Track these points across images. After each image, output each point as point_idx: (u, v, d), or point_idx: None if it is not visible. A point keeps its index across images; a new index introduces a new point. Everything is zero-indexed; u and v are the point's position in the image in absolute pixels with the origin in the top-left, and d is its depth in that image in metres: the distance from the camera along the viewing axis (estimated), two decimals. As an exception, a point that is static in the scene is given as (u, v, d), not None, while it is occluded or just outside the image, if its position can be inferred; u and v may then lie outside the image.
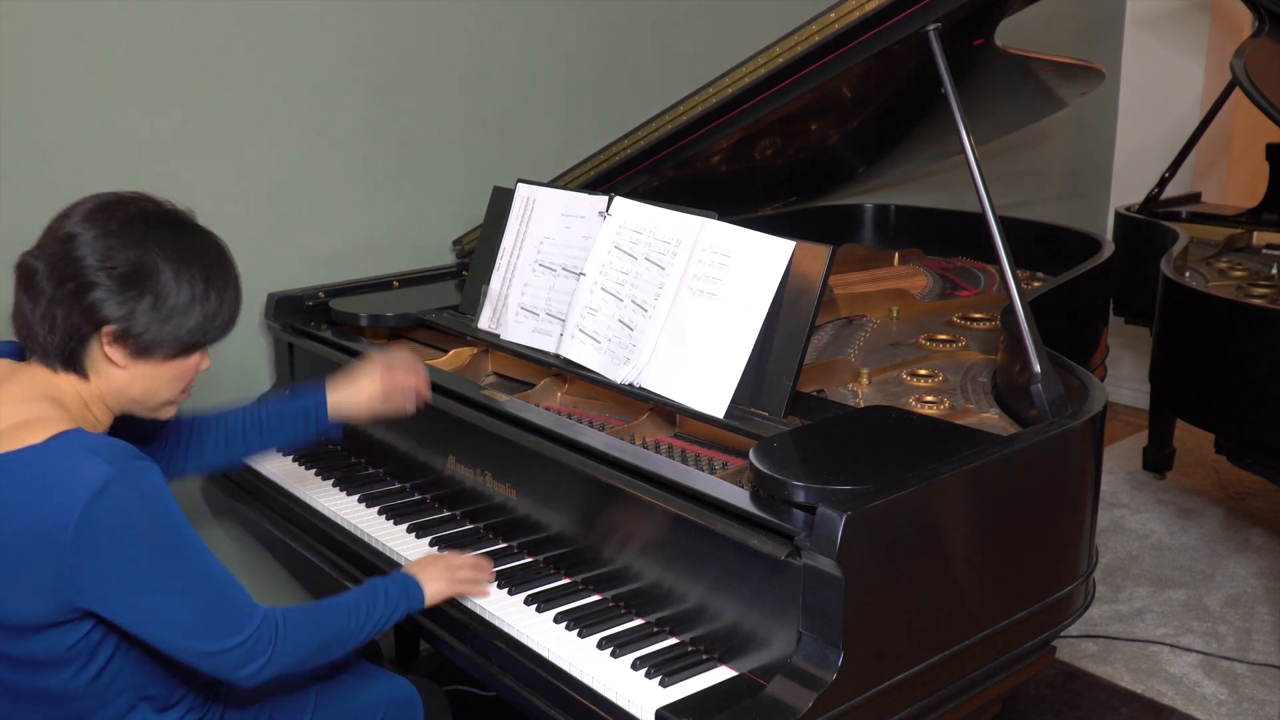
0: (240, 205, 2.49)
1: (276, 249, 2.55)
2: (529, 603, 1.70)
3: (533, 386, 2.14)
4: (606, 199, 2.10)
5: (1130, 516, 3.74)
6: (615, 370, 1.94)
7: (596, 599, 1.71)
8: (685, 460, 1.81)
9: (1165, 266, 2.90)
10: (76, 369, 1.43)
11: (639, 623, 1.64)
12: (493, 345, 2.24)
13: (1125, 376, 4.75)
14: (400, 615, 1.62)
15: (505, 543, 1.90)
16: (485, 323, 2.27)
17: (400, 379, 1.90)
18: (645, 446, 1.85)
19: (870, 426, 1.71)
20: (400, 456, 2.14)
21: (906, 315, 2.62)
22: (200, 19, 2.36)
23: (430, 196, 2.80)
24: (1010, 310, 1.85)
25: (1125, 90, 4.67)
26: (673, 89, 2.49)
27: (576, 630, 1.62)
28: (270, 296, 2.47)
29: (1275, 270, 3.22)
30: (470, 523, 1.97)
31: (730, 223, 1.88)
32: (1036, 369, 1.77)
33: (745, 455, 1.57)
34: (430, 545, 1.91)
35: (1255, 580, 3.29)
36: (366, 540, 1.97)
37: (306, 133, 2.57)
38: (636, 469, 1.65)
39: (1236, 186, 4.67)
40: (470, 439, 1.95)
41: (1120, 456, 4.22)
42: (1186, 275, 3.06)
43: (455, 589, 1.69)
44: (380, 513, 2.04)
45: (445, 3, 2.72)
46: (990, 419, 1.93)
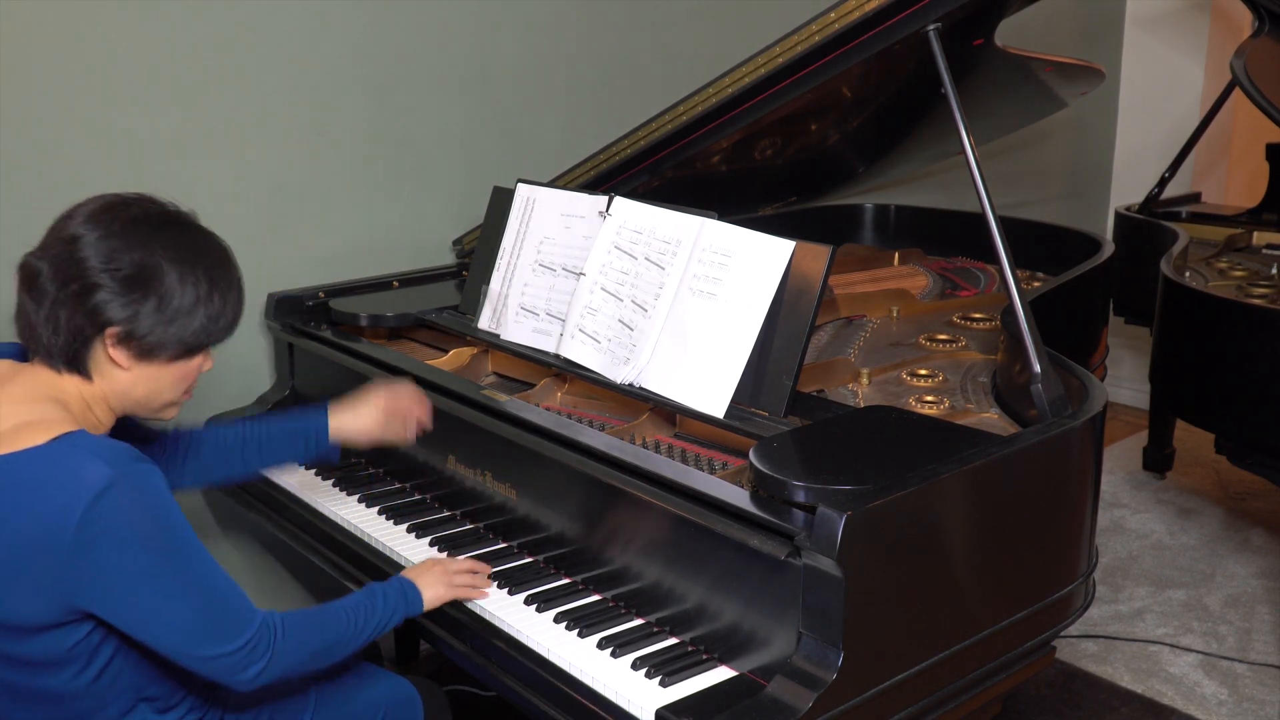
0: (240, 205, 2.49)
1: (276, 249, 2.55)
2: (529, 603, 1.71)
3: (533, 386, 2.14)
4: (606, 199, 2.10)
5: (1130, 516, 3.74)
6: (615, 370, 1.94)
7: (596, 599, 1.71)
8: (685, 460, 1.81)
9: (1165, 266, 2.90)
10: (80, 370, 1.43)
11: (639, 623, 1.64)
12: (493, 345, 2.24)
13: (1125, 376, 4.75)
14: (398, 620, 1.63)
15: (505, 542, 1.90)
16: (485, 323, 2.27)
17: (403, 407, 1.92)
18: (645, 446, 1.85)
19: (870, 426, 1.71)
20: (400, 456, 2.14)
21: (906, 315, 2.62)
22: (200, 19, 2.36)
23: (430, 196, 2.80)
24: (1010, 310, 1.85)
25: (1125, 90, 4.67)
26: (673, 89, 2.49)
27: (576, 630, 1.62)
28: (270, 296, 2.47)
29: (1275, 270, 3.22)
30: (470, 523, 1.98)
31: (730, 223, 1.88)
32: (1036, 369, 1.77)
33: (745, 455, 1.57)
34: (430, 545, 1.91)
35: (1255, 580, 3.29)
36: (366, 540, 1.97)
37: (306, 133, 2.57)
38: (636, 469, 1.65)
39: (1236, 186, 4.67)
40: (470, 439, 1.95)
41: (1120, 456, 4.22)
42: (1186, 275, 3.06)
43: (453, 593, 1.70)
44: (380, 513, 2.04)
45: (445, 3, 2.72)
46: (990, 419, 1.93)
